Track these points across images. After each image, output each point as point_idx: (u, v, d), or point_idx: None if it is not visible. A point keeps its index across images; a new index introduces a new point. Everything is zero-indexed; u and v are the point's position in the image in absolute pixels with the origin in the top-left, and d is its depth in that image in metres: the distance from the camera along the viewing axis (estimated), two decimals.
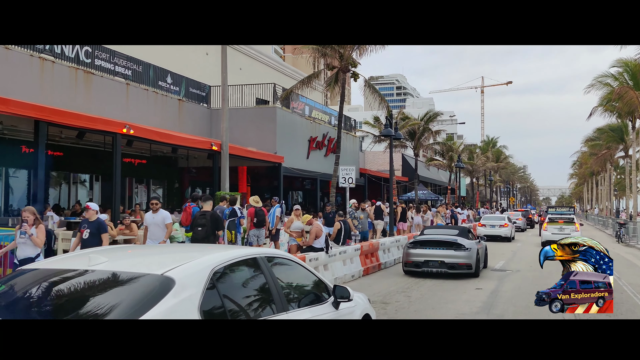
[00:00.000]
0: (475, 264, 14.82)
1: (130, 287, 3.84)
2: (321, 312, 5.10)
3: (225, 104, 19.86)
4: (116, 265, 4.23)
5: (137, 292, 3.74)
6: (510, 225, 30.69)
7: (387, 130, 21.04)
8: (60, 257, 5.39)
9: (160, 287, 3.73)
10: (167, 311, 3.56)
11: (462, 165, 37.35)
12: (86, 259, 4.21)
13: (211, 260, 4.28)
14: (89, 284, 3.99)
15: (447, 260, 14.65)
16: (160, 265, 4.11)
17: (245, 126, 26.22)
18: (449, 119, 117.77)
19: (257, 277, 4.67)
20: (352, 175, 20.71)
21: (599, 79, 34.79)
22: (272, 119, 26.05)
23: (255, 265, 4.70)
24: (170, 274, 3.87)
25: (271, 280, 4.68)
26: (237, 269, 4.53)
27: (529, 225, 48.09)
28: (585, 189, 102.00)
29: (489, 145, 71.06)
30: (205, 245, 8.99)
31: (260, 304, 4.56)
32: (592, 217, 69.02)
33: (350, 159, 35.17)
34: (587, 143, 54.89)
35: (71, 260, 4.57)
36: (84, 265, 4.13)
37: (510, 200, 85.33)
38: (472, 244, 15.08)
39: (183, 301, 3.72)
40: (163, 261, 4.37)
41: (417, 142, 36.67)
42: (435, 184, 51.79)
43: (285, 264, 5.32)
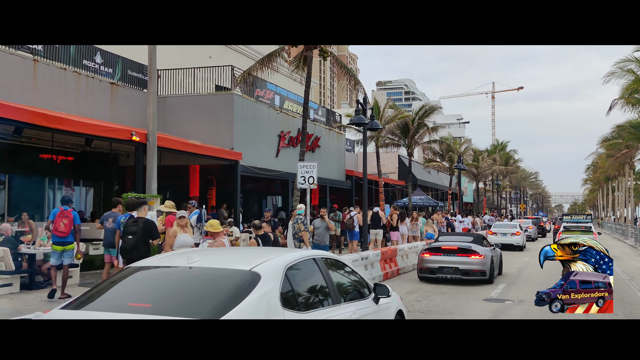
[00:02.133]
0: (490, 271, 15.08)
1: (228, 279, 4.70)
2: (364, 306, 5.91)
3: (152, 81, 15.61)
4: (210, 263, 5.10)
5: (234, 283, 4.59)
6: (522, 234, 29.73)
7: (359, 117, 16.66)
8: (162, 255, 6.12)
9: (251, 280, 4.58)
10: (258, 299, 4.43)
11: (463, 167, 32.78)
12: (185, 258, 5.10)
13: (283, 259, 5.11)
14: (193, 277, 4.85)
15: (461, 266, 14.83)
16: (246, 263, 4.90)
17: (197, 117, 21.95)
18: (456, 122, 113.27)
19: (316, 274, 5.51)
20: (313, 174, 16.37)
21: (620, 65, 30.01)
22: (228, 108, 21.73)
23: (315, 265, 5.57)
24: (256, 270, 4.71)
25: (327, 276, 5.57)
26: (301, 267, 5.34)
27: (540, 234, 44.29)
28: (600, 195, 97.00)
29: (497, 148, 66.25)
30: (268, 248, 9.32)
31: (320, 295, 5.45)
32: (608, 225, 64.22)
33: (333, 159, 30.77)
34: (603, 143, 49.95)
35: (173, 259, 5.39)
36: (185, 263, 4.98)
37: (521, 207, 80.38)
38: (486, 251, 15.31)
39: (268, 291, 4.58)
40: (246, 260, 5.11)
41: (411, 140, 32.05)
42: (437, 188, 47.21)
43: (336, 264, 6.17)
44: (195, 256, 5.06)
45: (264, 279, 4.60)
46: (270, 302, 4.51)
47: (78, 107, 18.14)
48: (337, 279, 5.83)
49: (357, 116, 16.69)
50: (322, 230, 13.18)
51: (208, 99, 22.21)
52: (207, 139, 21.24)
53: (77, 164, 20.09)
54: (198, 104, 22.10)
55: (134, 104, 20.75)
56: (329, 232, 13.27)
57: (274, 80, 26.38)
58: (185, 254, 5.33)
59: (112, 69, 20.52)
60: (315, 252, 6.11)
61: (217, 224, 8.83)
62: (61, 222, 10.59)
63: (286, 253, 5.60)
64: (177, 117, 22.04)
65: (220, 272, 4.87)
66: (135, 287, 4.93)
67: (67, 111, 16.82)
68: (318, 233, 13.22)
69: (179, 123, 21.93)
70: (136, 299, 4.62)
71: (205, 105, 21.96)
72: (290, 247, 12.15)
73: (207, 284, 4.75)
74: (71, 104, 17.98)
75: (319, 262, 5.63)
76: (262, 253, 5.92)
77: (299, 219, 12.29)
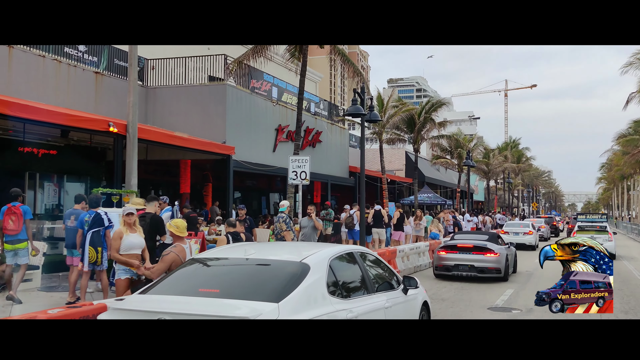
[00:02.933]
0: (505, 269, 15.30)
1: (283, 269, 5.35)
2: (394, 296, 6.43)
3: (133, 68, 14.44)
4: (264, 255, 5.86)
5: (288, 272, 5.19)
6: (534, 233, 29.18)
7: (356, 107, 15.36)
8: (219, 248, 7.10)
9: (302, 270, 5.17)
10: (309, 286, 5.01)
11: (472, 164, 31.30)
12: (242, 250, 6.02)
13: (327, 252, 5.76)
14: (251, 267, 5.50)
15: (477, 264, 15.08)
16: (296, 255, 5.54)
17: (188, 109, 20.81)
18: (467, 119, 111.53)
19: (354, 266, 6.13)
20: (305, 169, 15.15)
21: (638, 55, 28.38)
22: (220, 99, 20.54)
23: (353, 257, 6.21)
24: (306, 261, 5.32)
25: (363, 268, 6.19)
26: (342, 259, 5.96)
27: (553, 233, 42.81)
28: (614, 194, 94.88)
29: (509, 145, 64.50)
30: (311, 243, 10.98)
31: (357, 285, 6.01)
32: (623, 224, 62.36)
33: (336, 155, 29.53)
34: (619, 140, 48.17)
35: (231, 252, 6.18)
36: (242, 255, 5.80)
37: (533, 205, 78.54)
38: (501, 249, 15.54)
39: (316, 280, 5.15)
40: (296, 253, 5.79)
41: (418, 135, 30.62)
42: (446, 186, 45.76)
43: (370, 258, 6.77)
44: (250, 249, 5.98)
45: (313, 269, 5.19)
46: (318, 289, 5.10)
47: (57, 98, 17.05)
48: (371, 271, 6.41)
49: (354, 106, 15.40)
50: (308, 229, 11.94)
51: (200, 90, 21.04)
52: (198, 132, 20.09)
53: (61, 158, 19.00)
54: (189, 96, 20.94)
55: (120, 95, 19.51)
56: (316, 231, 12.03)
57: (272, 71, 25.18)
58: (241, 247, 6.39)
59: (97, 58, 19.42)
60: (352, 247, 6.85)
61: (183, 226, 7.58)
62: (9, 219, 9.47)
63: (328, 247, 6.37)
64: (167, 109, 20.94)
65: (275, 263, 5.54)
66: (201, 275, 5.60)
67: (45, 102, 15.73)
68: (304, 233, 11.99)
69: (169, 115, 20.81)
70: (205, 285, 5.24)
71: (197, 97, 20.79)
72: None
73: (265, 273, 5.37)
74: (50, 94, 16.90)
75: (356, 256, 6.26)
76: (308, 247, 7.07)
77: (281, 217, 11.06)
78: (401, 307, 6.47)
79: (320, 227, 12.30)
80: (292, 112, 25.26)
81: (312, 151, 26.87)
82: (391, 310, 6.07)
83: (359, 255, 6.36)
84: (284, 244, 9.59)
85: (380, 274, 6.65)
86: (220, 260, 5.79)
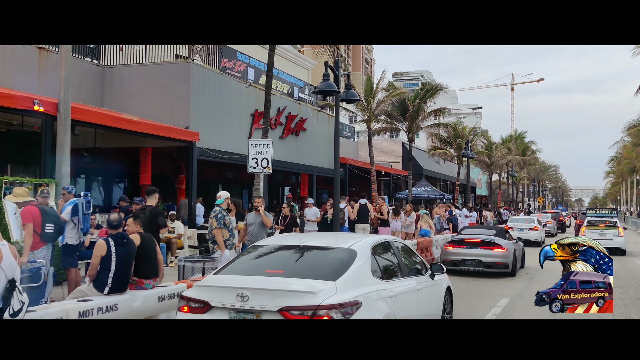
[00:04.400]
0: (512, 264, 15.16)
1: (335, 254, 6.10)
2: (423, 280, 7.18)
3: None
4: (316, 242, 6.61)
5: (340, 256, 5.96)
6: (540, 229, 27.92)
7: (327, 84, 13.00)
8: (278, 236, 8.42)
9: (350, 255, 5.95)
10: (358, 268, 5.79)
11: (471, 155, 28.87)
12: (297, 238, 6.87)
13: (369, 240, 6.63)
14: (308, 252, 6.26)
15: (484, 259, 14.98)
16: (343, 243, 6.33)
17: (149, 90, 18.55)
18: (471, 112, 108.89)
19: (390, 253, 6.92)
20: (267, 156, 12.90)
21: None
22: (184, 79, 18.28)
23: (389, 245, 7.03)
24: (353, 247, 6.12)
25: (398, 255, 7.02)
26: (381, 247, 6.76)
27: (560, 229, 40.97)
28: (623, 189, 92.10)
29: (513, 138, 61.87)
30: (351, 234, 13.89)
31: (394, 269, 6.76)
32: (632, 220, 59.83)
33: (323, 144, 27.22)
34: (629, 131, 45.54)
35: (288, 239, 7.10)
36: (298, 242, 6.51)
37: (539, 200, 75.91)
38: (509, 244, 15.42)
39: (363, 263, 5.92)
40: (343, 240, 6.48)
41: (412, 124, 28.16)
42: (446, 179, 43.34)
43: (403, 247, 7.53)
44: (305, 237, 7.05)
45: (359, 254, 6.01)
46: (365, 271, 5.91)
47: None
48: (403, 258, 7.17)
49: (325, 82, 13.04)
50: (256, 227, 9.66)
51: (161, 69, 18.78)
52: (160, 117, 17.87)
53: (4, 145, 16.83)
54: (150, 75, 18.69)
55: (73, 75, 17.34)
56: (265, 229, 9.76)
57: (248, 51, 22.85)
58: (296, 236, 7.53)
59: None
60: (388, 237, 8.16)
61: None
62: None
63: (368, 236, 7.69)
64: (125, 91, 18.72)
65: (328, 249, 6.32)
66: (264, 259, 6.34)
67: None
68: (251, 231, 9.72)
69: (127, 98, 18.59)
70: (270, 267, 6.08)
71: (159, 77, 18.53)
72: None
73: (320, 257, 6.19)
74: None
75: (391, 244, 7.14)
76: (351, 236, 8.12)
77: (214, 211, 8.79)
78: (429, 290, 7.29)
79: (269, 223, 9.98)
80: (272, 96, 22.97)
81: (295, 140, 24.61)
82: (421, 292, 6.92)
83: (393, 243, 7.22)
84: (330, 234, 11.70)
85: (411, 261, 7.44)
86: (279, 246, 6.60)
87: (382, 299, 5.73)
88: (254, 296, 5.12)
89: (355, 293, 5.32)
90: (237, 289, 5.21)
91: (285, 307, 4.99)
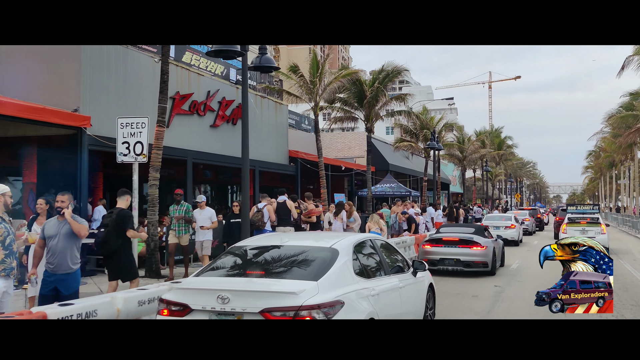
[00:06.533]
0: (492, 263, 14.91)
1: (317, 253, 5.99)
2: (405, 278, 7.23)
3: None
4: (297, 242, 6.53)
5: (322, 256, 5.89)
6: (517, 227, 26.78)
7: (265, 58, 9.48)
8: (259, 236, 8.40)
9: (332, 254, 5.91)
10: (340, 267, 5.74)
11: (438, 147, 25.65)
12: (279, 238, 6.67)
13: (351, 240, 6.54)
14: (289, 252, 6.10)
15: (463, 258, 14.72)
16: (325, 242, 6.31)
17: (32, 68, 14.97)
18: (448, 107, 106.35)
19: (372, 251, 6.90)
20: (142, 139, 9.51)
21: None
22: (73, 54, 14.73)
23: (371, 244, 6.98)
24: (335, 247, 6.09)
25: (380, 253, 7.03)
26: (362, 246, 6.73)
27: (538, 227, 38.35)
28: (601, 184, 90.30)
29: (488, 132, 58.99)
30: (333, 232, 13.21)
31: (376, 267, 6.75)
32: (612, 216, 57.43)
33: (270, 136, 23.84)
34: (609, 120, 42.82)
35: (270, 239, 7.07)
36: (279, 242, 6.43)
37: (516, 197, 73.42)
38: (488, 242, 15.15)
39: (345, 262, 5.88)
40: (324, 240, 6.48)
41: (370, 111, 24.83)
42: (416, 175, 40.18)
43: (384, 245, 7.56)
44: (285, 237, 6.76)
45: (341, 253, 5.96)
46: (347, 270, 5.84)
47: None
48: (385, 256, 7.22)
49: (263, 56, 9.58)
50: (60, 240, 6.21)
51: None
52: (46, 99, 14.35)
53: None
54: (33, 50, 15.06)
55: None
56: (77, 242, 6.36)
57: None
58: (277, 236, 7.10)
59: None
60: (369, 235, 7.87)
61: None
62: None
63: (350, 235, 7.20)
64: (3, 69, 15.12)
65: (309, 249, 6.16)
66: (245, 260, 6.23)
67: None
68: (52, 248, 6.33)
69: (7, 77, 15.00)
70: (251, 268, 6.03)
71: (42, 50, 14.92)
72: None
73: (302, 257, 5.97)
74: None
75: (373, 242, 7.12)
76: (333, 235, 7.96)
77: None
78: (412, 288, 7.35)
79: (83, 230, 6.46)
80: (199, 77, 19.51)
81: (232, 129, 21.17)
82: (404, 290, 6.98)
83: (375, 241, 7.22)
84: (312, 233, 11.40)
85: (393, 258, 7.49)
86: (259, 248, 6.47)
87: (364, 297, 5.75)
88: (235, 298, 5.07)
89: (337, 293, 5.35)
90: (218, 291, 5.17)
91: (266, 309, 4.96)
